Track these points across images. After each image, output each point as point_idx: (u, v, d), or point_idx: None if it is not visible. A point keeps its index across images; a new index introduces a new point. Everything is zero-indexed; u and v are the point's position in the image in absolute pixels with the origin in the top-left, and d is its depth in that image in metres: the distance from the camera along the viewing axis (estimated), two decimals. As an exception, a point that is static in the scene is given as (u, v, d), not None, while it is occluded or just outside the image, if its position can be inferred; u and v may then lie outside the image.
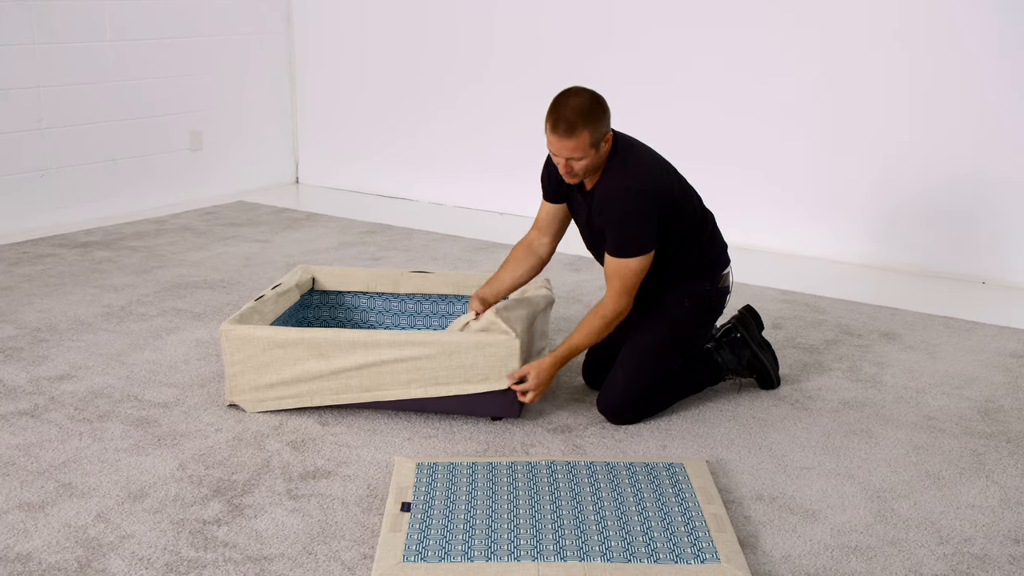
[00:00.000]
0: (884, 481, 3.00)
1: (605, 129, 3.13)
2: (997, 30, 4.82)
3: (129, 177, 6.29)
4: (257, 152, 7.06)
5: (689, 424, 3.37)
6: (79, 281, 4.83)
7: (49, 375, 3.70)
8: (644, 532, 2.61)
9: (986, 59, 4.87)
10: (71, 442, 3.18)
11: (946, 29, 4.93)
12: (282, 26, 7.04)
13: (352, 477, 2.98)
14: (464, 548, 2.53)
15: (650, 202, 3.17)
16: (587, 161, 3.13)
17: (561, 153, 3.11)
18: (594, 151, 3.12)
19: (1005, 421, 3.43)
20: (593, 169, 3.18)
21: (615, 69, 5.81)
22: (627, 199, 3.15)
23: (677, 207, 3.27)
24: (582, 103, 3.08)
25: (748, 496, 2.90)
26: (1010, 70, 4.82)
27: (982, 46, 4.87)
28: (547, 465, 2.97)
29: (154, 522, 2.72)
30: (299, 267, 3.98)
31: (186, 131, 6.57)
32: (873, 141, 5.23)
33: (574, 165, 3.14)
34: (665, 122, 5.58)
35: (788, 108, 5.40)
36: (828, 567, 2.55)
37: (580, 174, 3.17)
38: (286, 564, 2.54)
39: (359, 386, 3.33)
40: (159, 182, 6.45)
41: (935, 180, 5.11)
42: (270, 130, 7.13)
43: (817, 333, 4.24)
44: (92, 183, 6.09)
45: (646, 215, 3.16)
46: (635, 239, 3.17)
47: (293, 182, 7.34)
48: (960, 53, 4.92)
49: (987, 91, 4.90)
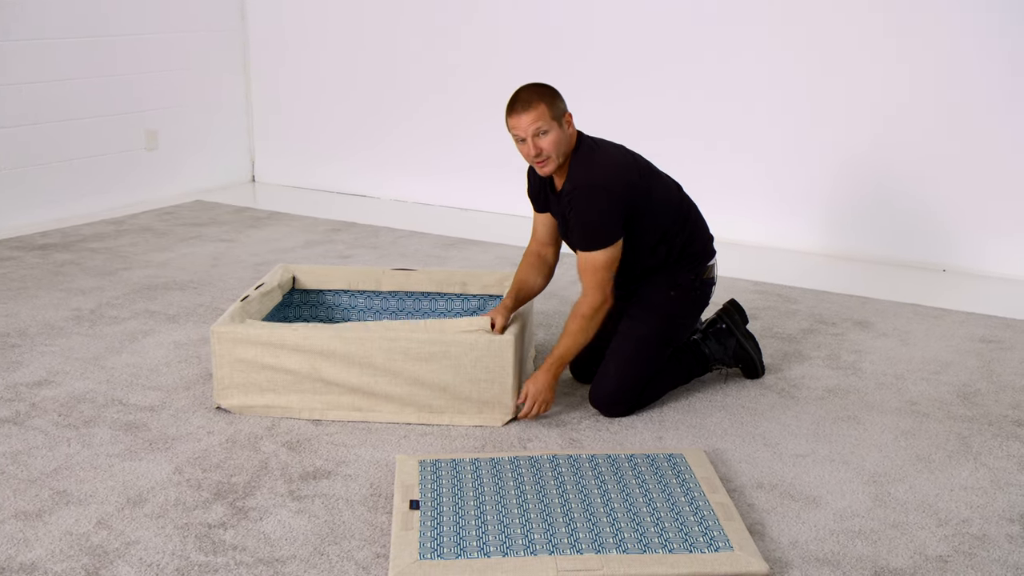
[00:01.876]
0: (877, 466, 3.06)
1: (563, 108, 3.20)
2: (957, 26, 4.92)
3: (84, 178, 6.17)
4: (213, 151, 6.97)
5: (681, 415, 3.40)
6: (43, 284, 4.73)
7: (26, 381, 3.63)
8: (655, 523, 2.64)
9: (944, 52, 4.97)
10: (60, 449, 3.11)
11: (906, 25, 5.03)
12: (236, 22, 6.95)
13: (353, 476, 2.97)
14: (479, 544, 2.53)
15: (610, 197, 3.20)
16: (553, 136, 3.15)
17: (526, 129, 3.14)
18: (556, 125, 3.16)
19: (984, 404, 3.51)
20: (561, 151, 3.20)
21: (580, 68, 5.83)
22: (589, 195, 3.19)
23: (646, 199, 3.30)
24: (532, 86, 3.22)
25: (748, 484, 2.94)
26: (967, 63, 4.93)
27: (941, 40, 4.97)
28: (549, 459, 2.98)
29: (158, 527, 2.68)
30: (279, 266, 3.94)
31: (141, 130, 6.46)
32: (835, 135, 5.31)
33: (541, 144, 3.16)
34: (626, 118, 5.62)
35: (752, 105, 5.47)
36: (836, 552, 2.59)
37: (551, 155, 3.18)
38: (299, 566, 2.52)
39: (351, 404, 3.32)
40: (114, 182, 6.34)
41: (897, 172, 5.21)
42: (226, 128, 7.04)
43: (792, 323, 4.30)
44: (46, 184, 5.97)
45: (607, 209, 3.20)
46: (598, 232, 3.20)
47: (249, 180, 7.26)
48: (921, 47, 5.02)
49: (944, 85, 5.00)
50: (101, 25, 6.10)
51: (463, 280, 3.92)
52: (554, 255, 3.55)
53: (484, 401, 3.29)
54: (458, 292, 3.92)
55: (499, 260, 5.25)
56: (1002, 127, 4.93)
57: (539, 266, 3.54)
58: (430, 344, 3.26)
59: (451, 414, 3.32)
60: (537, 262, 3.53)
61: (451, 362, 3.26)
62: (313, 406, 3.34)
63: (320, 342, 3.28)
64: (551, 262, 3.56)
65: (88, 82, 6.09)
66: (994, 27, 4.85)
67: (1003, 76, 4.88)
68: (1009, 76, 4.86)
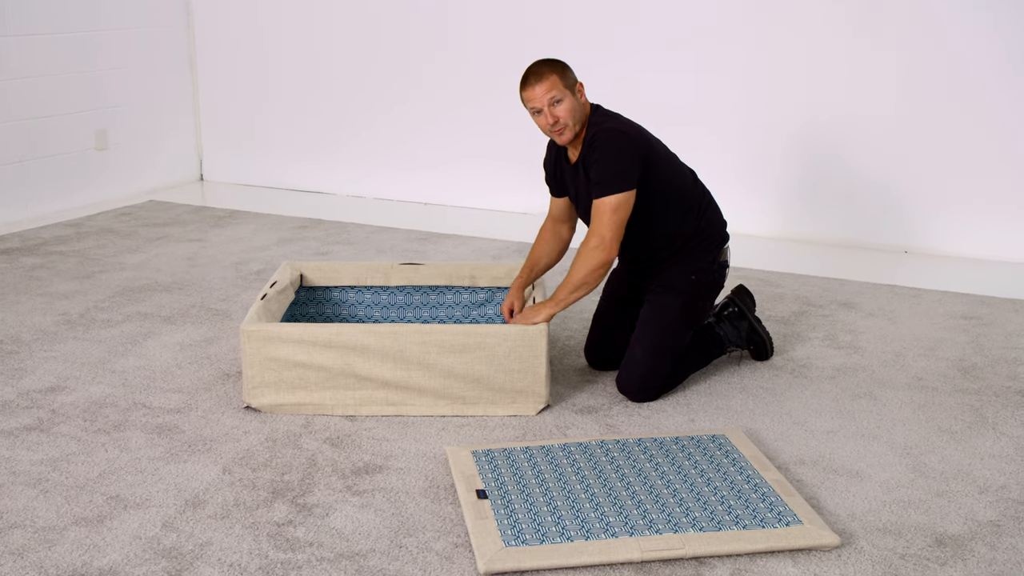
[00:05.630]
0: (906, 439, 3.19)
1: (574, 78, 3.33)
2: (923, 5, 5.12)
3: (34, 179, 5.99)
4: (160, 150, 6.83)
5: (706, 398, 3.49)
6: (20, 289, 4.60)
7: (37, 388, 3.54)
8: (720, 501, 2.72)
9: (907, 34, 5.17)
10: (98, 454, 3.05)
11: (869, 5, 5.21)
12: (182, 19, 6.82)
13: (406, 470, 2.98)
14: (558, 529, 2.58)
15: (628, 140, 3.30)
16: (567, 104, 3.27)
17: (541, 99, 3.27)
18: (570, 93, 3.28)
19: (985, 377, 3.68)
20: (577, 119, 3.31)
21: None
22: (609, 137, 3.29)
23: (663, 156, 3.43)
24: (543, 60, 3.35)
25: (791, 461, 3.04)
26: (926, 46, 5.13)
27: (906, 21, 5.16)
28: (599, 445, 3.03)
29: (226, 528, 2.66)
30: (285, 264, 3.91)
31: (91, 130, 6.30)
32: (794, 114, 5.47)
33: (557, 112, 3.27)
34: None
35: (715, 86, 5.60)
36: (893, 521, 2.71)
37: (567, 122, 3.29)
38: (381, 558, 2.53)
39: (384, 399, 3.33)
40: (65, 183, 6.18)
41: (855, 154, 5.39)
42: (173, 127, 6.90)
43: (782, 306, 4.44)
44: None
45: (625, 150, 3.28)
46: (615, 175, 3.26)
47: (198, 179, 7.14)
48: (883, 29, 5.21)
49: (906, 68, 5.20)
50: (44, 22, 5.93)
51: (472, 273, 3.95)
52: (569, 231, 3.66)
53: (518, 391, 3.33)
54: (467, 285, 3.95)
55: (477, 253, 5.28)
56: (962, 110, 5.14)
57: (553, 242, 3.65)
58: (465, 336, 3.28)
59: (484, 405, 3.35)
60: (552, 238, 3.65)
61: (486, 353, 3.29)
62: (346, 402, 3.33)
63: (353, 338, 3.27)
64: (566, 238, 3.66)
65: (35, 81, 5.92)
66: (955, 4, 5.04)
67: (964, 56, 5.08)
68: (971, 56, 5.07)
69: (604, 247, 3.28)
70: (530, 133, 5.99)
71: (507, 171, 6.14)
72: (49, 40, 5.96)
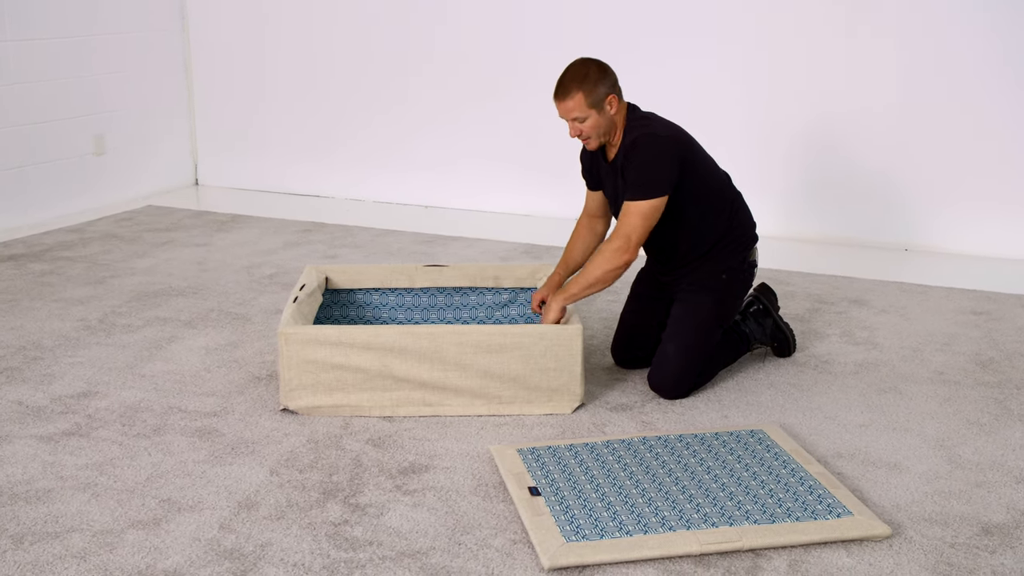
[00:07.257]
0: (937, 431, 3.26)
1: (604, 91, 3.33)
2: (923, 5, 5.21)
3: (33, 185, 5.96)
4: (156, 155, 6.80)
5: (736, 394, 3.55)
6: (33, 296, 4.58)
7: (68, 393, 3.53)
8: (769, 495, 2.77)
9: (908, 33, 5.26)
10: (142, 458, 3.06)
11: (870, 5, 5.29)
12: (177, 23, 6.80)
13: (453, 469, 3.01)
14: (616, 524, 2.62)
15: (670, 145, 3.36)
16: (591, 122, 3.33)
17: (563, 115, 3.36)
18: (595, 112, 3.33)
19: (1003, 371, 3.76)
20: (603, 131, 3.37)
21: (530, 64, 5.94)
22: (649, 142, 3.34)
23: (701, 159, 3.48)
24: (576, 68, 3.35)
25: (829, 455, 3.10)
26: (927, 45, 5.23)
27: (906, 20, 5.25)
28: (642, 441, 3.08)
29: (283, 528, 2.68)
30: (309, 267, 3.93)
31: (89, 135, 6.27)
32: (793, 114, 5.55)
33: (580, 127, 3.35)
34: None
35: (707, 85, 5.66)
36: (938, 512, 2.77)
37: (591, 136, 3.37)
38: (443, 556, 2.55)
39: (421, 400, 3.35)
40: (64, 189, 6.14)
41: (855, 153, 5.47)
42: (168, 131, 6.88)
43: (795, 304, 4.50)
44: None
45: (665, 157, 3.34)
46: (652, 180, 3.32)
47: (193, 184, 7.12)
48: (883, 28, 5.29)
49: (907, 66, 5.29)
50: (42, 26, 5.89)
51: (496, 274, 3.98)
52: (604, 225, 3.71)
53: (553, 389, 3.37)
54: (491, 286, 3.98)
55: (486, 254, 5.31)
56: (963, 109, 5.24)
57: (588, 237, 3.69)
58: (501, 336, 3.32)
59: (520, 404, 3.38)
60: (587, 234, 3.70)
61: (522, 352, 3.33)
62: (384, 403, 3.36)
63: (391, 339, 3.30)
64: (600, 232, 3.71)
65: (32, 86, 5.88)
66: (956, 4, 5.13)
67: (965, 55, 5.18)
68: (971, 54, 5.16)
69: (627, 249, 3.33)
70: (530, 134, 6.04)
71: (507, 172, 6.18)
72: (47, 45, 5.93)
